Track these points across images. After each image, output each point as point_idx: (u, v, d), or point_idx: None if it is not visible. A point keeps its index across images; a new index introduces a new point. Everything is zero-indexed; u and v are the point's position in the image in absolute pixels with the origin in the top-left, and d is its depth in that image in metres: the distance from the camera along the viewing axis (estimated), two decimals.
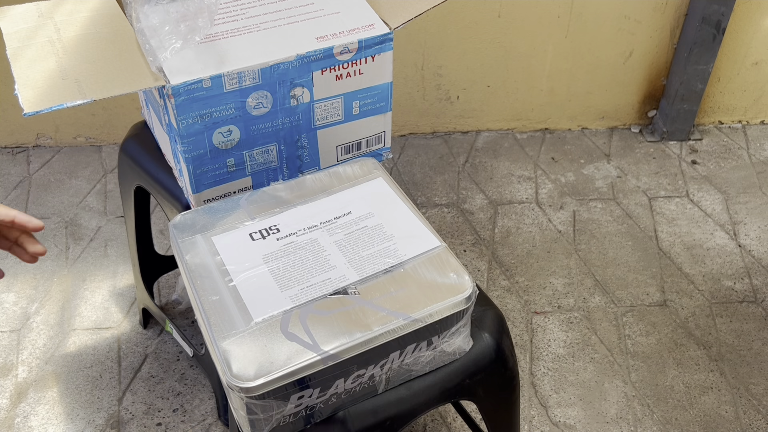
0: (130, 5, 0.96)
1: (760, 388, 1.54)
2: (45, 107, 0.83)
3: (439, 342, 0.85)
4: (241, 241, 0.87)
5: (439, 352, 0.86)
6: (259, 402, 0.74)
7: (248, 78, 0.92)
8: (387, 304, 0.81)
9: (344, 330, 0.78)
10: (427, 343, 0.83)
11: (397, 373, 0.85)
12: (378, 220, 0.90)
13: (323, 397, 0.80)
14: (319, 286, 0.82)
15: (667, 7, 1.97)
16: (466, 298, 0.82)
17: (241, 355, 0.75)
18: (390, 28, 0.99)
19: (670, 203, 1.97)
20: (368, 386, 0.83)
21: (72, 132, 2.12)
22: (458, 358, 0.90)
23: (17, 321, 1.65)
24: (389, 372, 0.83)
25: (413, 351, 0.83)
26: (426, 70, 2.05)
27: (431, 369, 0.88)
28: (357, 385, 0.82)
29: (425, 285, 0.83)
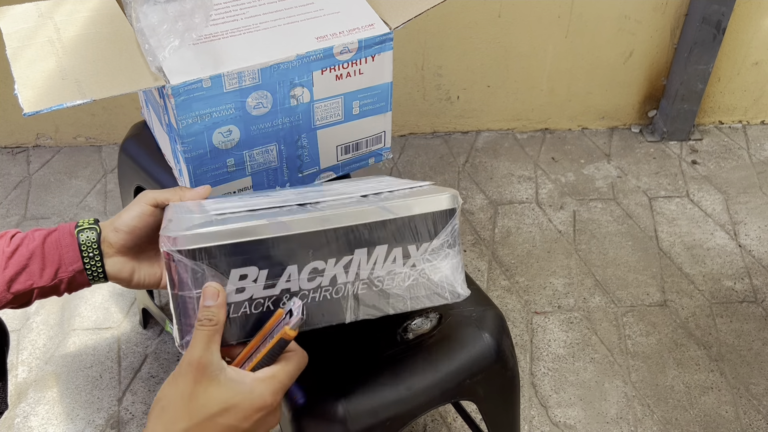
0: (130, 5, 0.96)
1: (760, 388, 1.54)
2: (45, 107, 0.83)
3: (419, 257, 0.74)
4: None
5: (422, 277, 0.75)
6: (190, 263, 0.66)
7: (248, 78, 0.92)
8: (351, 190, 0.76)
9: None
10: (402, 254, 0.73)
11: (368, 292, 0.73)
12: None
13: (272, 290, 0.69)
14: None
15: (668, 7, 1.97)
16: (449, 198, 0.75)
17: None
18: (390, 28, 0.99)
19: (670, 203, 1.97)
20: (332, 298, 0.72)
21: (72, 132, 2.12)
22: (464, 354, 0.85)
23: (17, 321, 1.65)
24: (357, 285, 0.72)
25: (384, 259, 0.73)
26: (426, 70, 2.05)
27: (416, 307, 0.76)
28: (316, 288, 0.71)
29: (405, 191, 0.78)
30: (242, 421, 0.62)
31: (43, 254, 0.77)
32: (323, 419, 0.85)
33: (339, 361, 0.88)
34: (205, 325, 0.64)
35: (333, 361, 0.88)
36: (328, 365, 0.88)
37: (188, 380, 0.61)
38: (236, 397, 0.61)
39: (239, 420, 0.61)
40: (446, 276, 0.76)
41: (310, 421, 0.85)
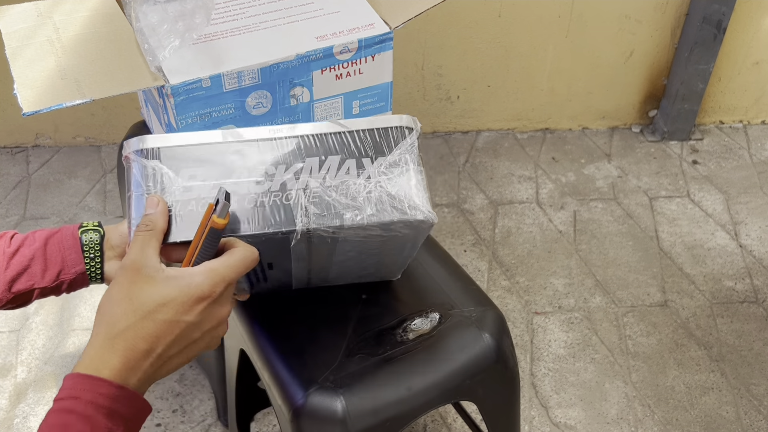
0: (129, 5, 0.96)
1: (761, 388, 1.54)
2: (44, 107, 0.82)
3: (374, 171, 0.73)
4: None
5: (377, 189, 0.73)
6: (145, 162, 0.68)
7: (248, 77, 0.92)
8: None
9: None
10: (356, 165, 0.73)
11: (321, 201, 0.71)
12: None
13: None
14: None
15: (668, 6, 1.97)
16: (403, 117, 0.75)
17: None
18: (390, 28, 0.98)
19: (670, 203, 1.96)
20: (282, 204, 0.71)
21: (71, 132, 2.12)
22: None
23: (16, 321, 1.65)
24: (309, 192, 0.71)
25: (337, 169, 0.72)
26: (426, 70, 2.05)
27: (373, 221, 0.72)
28: (266, 192, 0.71)
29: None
30: (183, 314, 0.61)
31: (45, 256, 0.76)
32: (323, 419, 0.85)
33: (339, 361, 0.88)
34: (141, 230, 0.65)
35: (333, 360, 0.88)
36: (328, 365, 0.88)
37: (124, 282, 0.62)
38: (173, 292, 0.61)
39: (179, 313, 0.61)
40: (405, 191, 0.73)
41: (310, 421, 0.85)
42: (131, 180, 0.70)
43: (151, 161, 0.69)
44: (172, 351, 0.62)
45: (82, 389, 0.57)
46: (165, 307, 0.60)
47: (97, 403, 0.57)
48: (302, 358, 0.89)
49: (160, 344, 0.60)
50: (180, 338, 0.61)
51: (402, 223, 0.73)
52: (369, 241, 0.76)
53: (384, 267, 0.91)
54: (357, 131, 0.74)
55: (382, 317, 0.93)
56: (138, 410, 0.60)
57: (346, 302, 0.95)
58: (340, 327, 0.92)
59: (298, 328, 0.92)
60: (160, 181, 0.69)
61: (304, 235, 0.71)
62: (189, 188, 0.69)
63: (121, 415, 0.58)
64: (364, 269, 0.89)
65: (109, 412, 0.57)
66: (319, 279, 0.92)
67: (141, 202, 0.69)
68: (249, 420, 1.38)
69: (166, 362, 0.62)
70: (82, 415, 0.56)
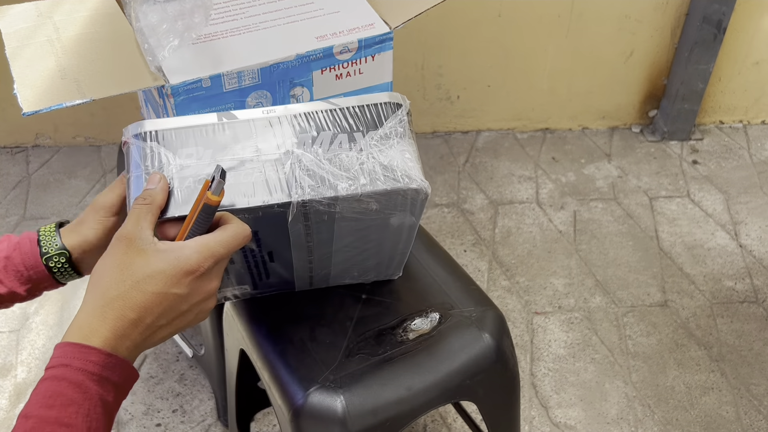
0: (129, 4, 0.96)
1: (761, 388, 1.54)
2: (44, 107, 0.82)
3: (366, 143, 0.75)
4: None
5: (370, 160, 0.74)
6: (143, 144, 0.71)
7: (248, 77, 0.92)
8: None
9: None
10: (348, 139, 0.75)
11: (314, 172, 0.73)
12: None
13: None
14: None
15: (668, 6, 1.97)
16: (390, 94, 0.78)
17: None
18: (390, 28, 0.98)
19: (671, 203, 1.96)
20: (277, 175, 0.73)
21: (71, 132, 2.12)
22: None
23: (16, 321, 1.65)
24: (303, 164, 0.73)
25: (330, 143, 0.74)
26: (426, 70, 2.05)
27: (367, 189, 0.73)
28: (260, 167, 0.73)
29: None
30: (171, 287, 0.62)
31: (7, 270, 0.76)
32: (323, 419, 0.85)
33: (339, 360, 0.88)
34: (139, 203, 0.66)
35: (333, 360, 0.88)
36: (328, 365, 0.88)
37: (117, 253, 0.63)
38: (161, 264, 0.62)
39: (167, 285, 0.61)
40: (397, 161, 0.75)
41: (309, 421, 0.85)
42: (130, 162, 0.72)
43: (149, 143, 0.71)
44: (160, 322, 0.63)
45: (72, 357, 0.59)
46: (153, 279, 0.61)
47: (88, 371, 0.58)
48: (302, 358, 0.89)
49: (148, 315, 0.61)
50: (168, 310, 0.62)
51: (396, 193, 0.74)
52: (366, 219, 0.77)
53: (383, 261, 0.91)
54: (348, 108, 0.76)
55: (382, 317, 0.93)
56: (127, 377, 0.61)
57: (346, 302, 0.95)
58: (340, 327, 0.92)
59: (298, 328, 0.92)
60: (157, 161, 0.71)
61: (300, 210, 0.72)
62: (186, 166, 0.71)
63: (112, 381, 0.59)
64: (364, 260, 0.89)
65: (99, 378, 0.58)
66: (320, 277, 0.92)
67: (140, 182, 0.70)
68: (249, 420, 1.38)
69: (155, 332, 0.63)
70: (72, 382, 0.57)
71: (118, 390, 0.60)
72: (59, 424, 0.56)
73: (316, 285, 0.95)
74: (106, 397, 0.59)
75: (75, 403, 0.57)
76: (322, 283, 0.95)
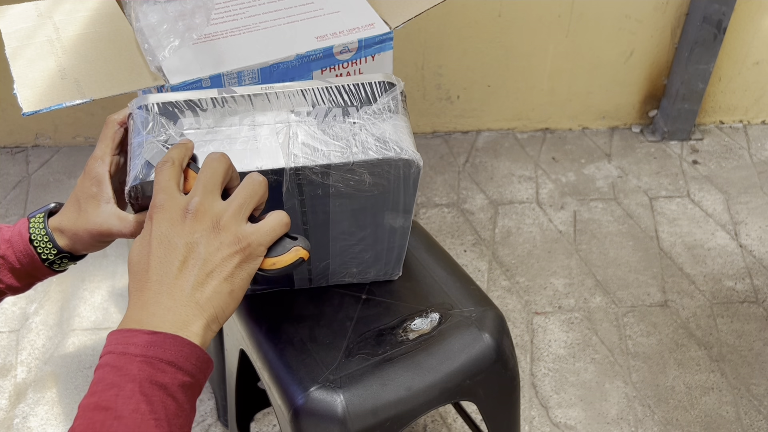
0: (129, 4, 0.96)
1: (761, 388, 1.54)
2: (44, 107, 0.82)
3: (359, 116, 0.77)
4: None
5: (363, 132, 0.76)
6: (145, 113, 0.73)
7: (248, 77, 0.92)
8: None
9: None
10: (342, 113, 0.77)
11: (307, 140, 0.76)
12: None
13: (214, 136, 0.75)
14: None
15: (668, 6, 1.97)
16: (384, 74, 0.80)
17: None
18: (390, 28, 0.98)
19: (671, 203, 1.96)
20: (270, 145, 0.76)
21: (71, 132, 2.12)
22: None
23: (16, 321, 1.65)
24: (297, 138, 0.76)
25: (324, 116, 0.77)
26: (426, 70, 2.05)
27: (358, 157, 0.75)
28: (255, 136, 0.76)
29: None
30: (168, 229, 0.60)
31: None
32: (323, 419, 0.85)
33: (339, 361, 0.88)
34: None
35: (333, 360, 0.88)
36: (328, 365, 0.88)
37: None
38: (158, 197, 0.61)
39: (162, 230, 0.60)
40: (389, 134, 0.77)
41: (309, 421, 0.85)
42: (132, 131, 0.74)
43: (151, 113, 0.74)
44: (187, 277, 0.59)
45: (116, 343, 0.56)
46: (153, 217, 0.60)
47: (129, 353, 0.55)
48: (302, 358, 0.89)
49: (155, 268, 0.59)
50: (176, 258, 0.59)
51: (387, 163, 0.76)
52: (360, 198, 0.79)
53: (381, 254, 0.91)
54: (343, 85, 0.79)
55: (382, 317, 0.93)
56: (184, 353, 0.56)
57: (345, 302, 0.95)
58: (340, 327, 0.92)
59: (298, 328, 0.92)
60: (158, 129, 0.73)
61: (293, 180, 0.74)
62: (185, 135, 0.74)
63: (164, 359, 0.55)
64: (362, 252, 0.89)
65: (144, 359, 0.55)
66: (319, 272, 0.92)
67: (140, 148, 0.72)
68: (249, 420, 1.38)
69: (193, 291, 0.59)
70: (114, 366, 0.55)
71: (177, 368, 0.55)
72: (98, 408, 0.53)
73: (315, 283, 0.95)
74: (159, 377, 0.54)
75: (115, 386, 0.54)
76: (321, 281, 0.95)
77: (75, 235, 0.76)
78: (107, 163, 0.76)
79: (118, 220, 0.74)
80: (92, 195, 0.75)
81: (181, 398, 0.55)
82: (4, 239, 0.76)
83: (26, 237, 0.76)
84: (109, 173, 0.76)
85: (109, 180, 0.76)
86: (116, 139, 0.77)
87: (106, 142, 0.77)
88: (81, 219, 0.75)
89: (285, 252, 0.64)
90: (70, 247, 0.77)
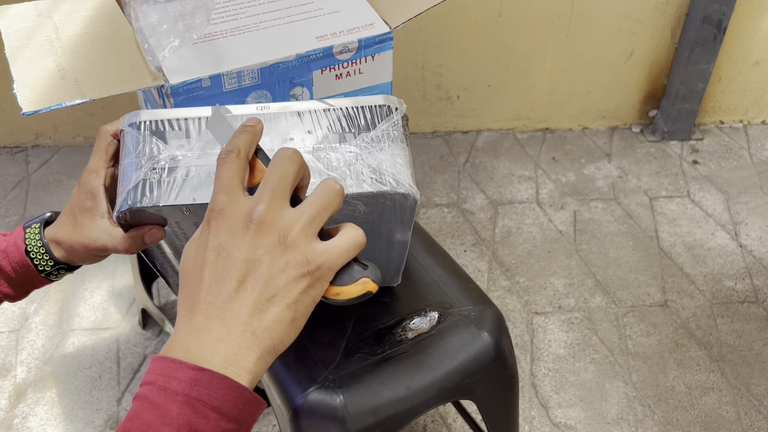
0: (129, 4, 0.96)
1: (761, 388, 1.54)
2: (44, 107, 0.82)
3: (356, 144, 0.74)
4: None
5: (359, 161, 0.73)
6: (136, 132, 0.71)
7: (248, 77, 0.92)
8: None
9: None
10: (339, 140, 0.74)
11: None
12: None
13: (205, 159, 0.71)
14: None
15: (668, 6, 1.97)
16: (385, 97, 0.77)
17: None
18: (390, 28, 0.98)
19: (671, 203, 1.96)
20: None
21: (71, 132, 2.12)
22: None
23: (16, 321, 1.65)
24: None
25: (320, 142, 0.74)
26: (426, 70, 2.05)
27: (352, 190, 0.72)
28: None
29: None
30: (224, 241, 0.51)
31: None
32: (322, 419, 0.85)
33: (338, 360, 0.88)
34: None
35: (332, 360, 0.88)
36: (327, 365, 0.88)
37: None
38: (218, 199, 0.53)
39: (218, 241, 0.52)
40: (386, 165, 0.73)
41: (309, 420, 0.85)
42: (123, 150, 0.72)
43: (142, 132, 0.72)
44: (243, 302, 0.50)
45: (159, 373, 0.49)
46: (206, 227, 0.52)
47: (171, 389, 0.48)
48: (301, 358, 0.89)
49: (215, 287, 0.50)
50: (235, 272, 0.51)
51: (382, 196, 0.73)
52: (355, 221, 0.76)
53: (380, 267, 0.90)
54: (342, 108, 0.76)
55: (381, 316, 0.94)
56: (232, 398, 0.48)
57: None
58: (339, 326, 0.92)
59: None
60: (149, 150, 0.71)
61: None
62: (175, 157, 0.71)
63: (207, 404, 0.48)
64: None
65: (186, 399, 0.47)
66: None
67: (131, 169, 0.70)
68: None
69: (251, 317, 0.50)
70: (153, 402, 0.48)
71: (221, 415, 0.48)
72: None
73: None
74: (200, 424, 0.47)
75: (151, 428, 0.47)
76: None
77: (71, 248, 0.75)
78: (101, 176, 0.74)
79: (110, 237, 0.72)
80: (87, 209, 0.74)
81: None
82: (0, 249, 0.76)
83: (22, 248, 0.75)
84: (104, 186, 0.74)
85: (104, 193, 0.74)
86: (110, 151, 0.76)
87: (99, 155, 0.75)
88: (76, 233, 0.74)
89: (352, 282, 0.56)
90: (66, 258, 0.76)
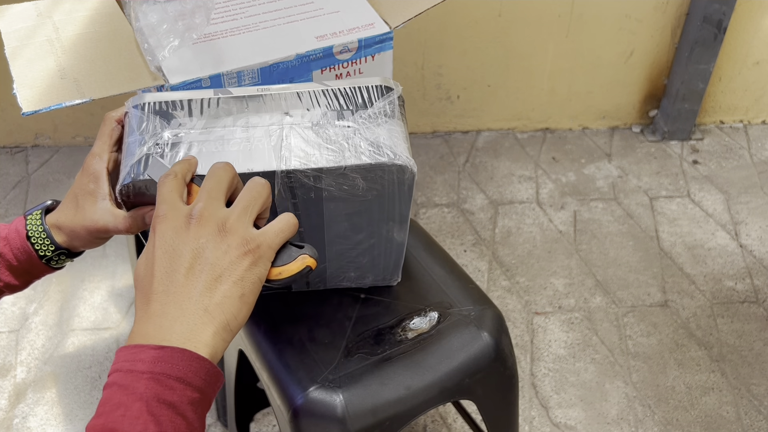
0: (129, 4, 0.96)
1: (761, 388, 1.54)
2: (43, 106, 0.82)
3: (354, 120, 0.76)
4: None
5: (357, 135, 0.76)
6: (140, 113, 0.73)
7: (247, 77, 0.92)
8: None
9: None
10: (337, 116, 0.77)
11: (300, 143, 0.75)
12: None
13: (207, 136, 0.74)
14: None
15: (668, 6, 1.97)
16: (381, 78, 0.80)
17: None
18: (390, 27, 0.98)
19: (671, 203, 1.96)
20: (264, 147, 0.75)
21: (71, 132, 2.12)
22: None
23: (16, 321, 1.65)
24: (291, 140, 0.75)
25: (319, 117, 0.76)
26: (426, 70, 2.05)
27: (351, 161, 0.74)
28: (249, 138, 0.75)
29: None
30: (171, 236, 0.57)
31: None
32: (322, 419, 0.85)
33: (338, 360, 0.88)
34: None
35: (332, 360, 0.88)
36: (327, 365, 0.88)
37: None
38: (160, 209, 0.59)
39: (166, 238, 0.57)
40: (384, 138, 0.76)
41: (309, 420, 0.85)
42: (127, 130, 0.74)
43: (146, 112, 0.74)
44: (193, 285, 0.56)
45: (123, 360, 0.54)
46: (157, 227, 0.58)
47: (136, 371, 0.53)
48: (301, 358, 0.89)
49: (165, 278, 0.56)
50: (180, 266, 0.56)
51: (380, 168, 0.75)
52: (354, 201, 0.78)
53: (379, 259, 0.90)
54: (339, 89, 0.78)
55: (381, 316, 0.93)
56: (194, 368, 0.54)
57: (344, 302, 0.95)
58: (339, 326, 0.92)
59: (297, 328, 0.92)
60: (152, 128, 0.73)
61: (285, 182, 0.74)
62: (178, 135, 0.73)
63: (172, 376, 0.53)
64: (359, 256, 0.88)
65: (151, 376, 0.52)
66: (316, 276, 0.92)
67: (134, 147, 0.72)
68: (249, 420, 1.38)
69: (202, 296, 0.56)
70: (121, 385, 0.53)
71: (186, 384, 0.53)
72: (105, 430, 0.51)
73: (313, 286, 0.95)
74: (167, 395, 0.52)
75: (122, 406, 0.51)
76: (319, 285, 0.95)
77: (72, 231, 0.76)
78: (105, 160, 0.76)
79: (112, 217, 0.74)
80: (89, 191, 0.75)
81: (190, 416, 0.53)
82: (1, 237, 0.76)
83: (23, 234, 0.76)
84: (106, 170, 0.76)
85: (106, 177, 0.76)
86: (114, 136, 0.77)
87: (103, 139, 0.77)
88: (78, 215, 0.75)
89: (291, 260, 0.61)
90: (67, 243, 0.77)
